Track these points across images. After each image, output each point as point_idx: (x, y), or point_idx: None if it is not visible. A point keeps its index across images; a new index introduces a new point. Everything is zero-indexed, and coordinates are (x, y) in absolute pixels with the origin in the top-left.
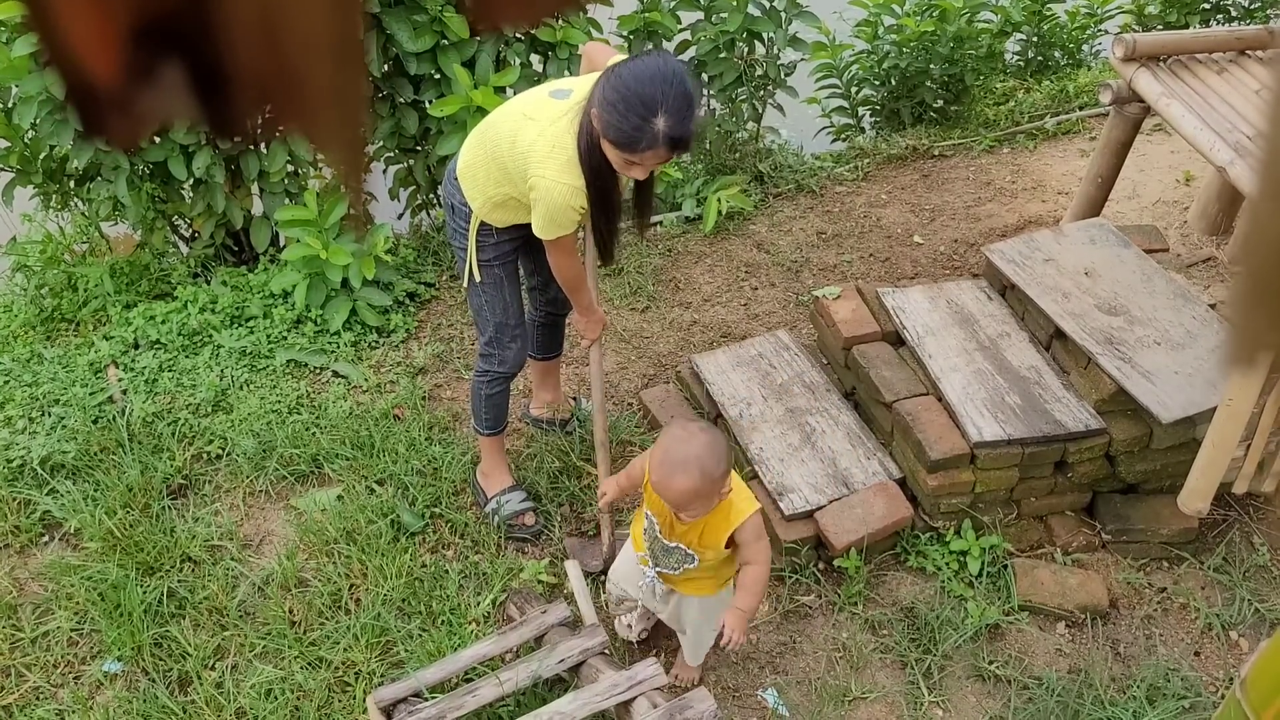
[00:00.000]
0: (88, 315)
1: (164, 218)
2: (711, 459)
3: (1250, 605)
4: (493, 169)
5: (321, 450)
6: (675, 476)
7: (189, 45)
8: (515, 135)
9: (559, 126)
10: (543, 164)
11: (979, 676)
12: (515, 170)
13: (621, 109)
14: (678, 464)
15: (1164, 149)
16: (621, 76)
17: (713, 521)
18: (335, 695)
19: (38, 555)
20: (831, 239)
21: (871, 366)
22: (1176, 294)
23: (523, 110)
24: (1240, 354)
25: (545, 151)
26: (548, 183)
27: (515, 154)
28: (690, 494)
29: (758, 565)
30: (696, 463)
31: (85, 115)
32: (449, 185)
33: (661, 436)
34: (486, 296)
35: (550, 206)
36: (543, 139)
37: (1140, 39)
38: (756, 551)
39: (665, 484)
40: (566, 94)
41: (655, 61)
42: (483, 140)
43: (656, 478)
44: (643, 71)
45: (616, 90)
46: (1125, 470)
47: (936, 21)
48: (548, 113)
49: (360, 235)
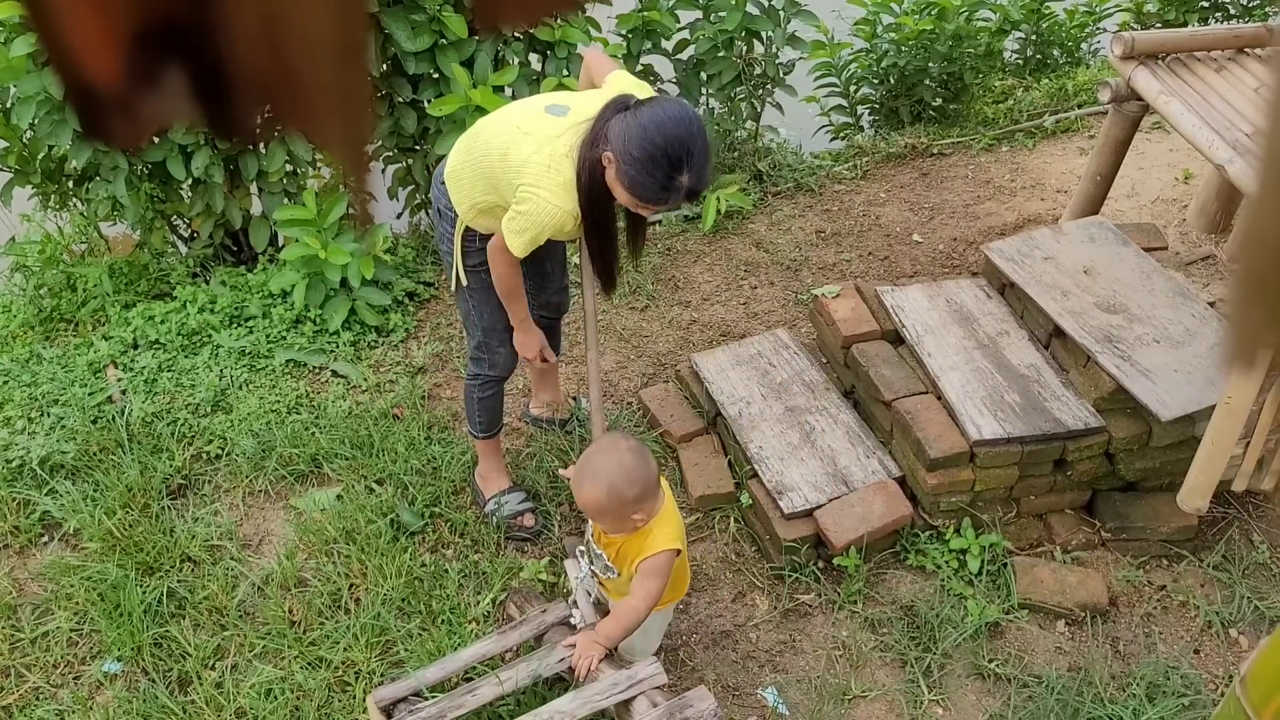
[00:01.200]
0: (86, 315)
1: (163, 217)
2: (624, 480)
3: (1250, 603)
4: (479, 178)
5: (321, 450)
6: (584, 483)
7: (191, 47)
8: (507, 149)
9: (556, 147)
10: (536, 182)
11: (979, 675)
12: (504, 183)
13: (649, 167)
14: (589, 473)
15: (1163, 147)
16: (646, 131)
17: (629, 545)
18: (335, 695)
19: (37, 555)
20: (830, 238)
21: (871, 365)
22: (1175, 292)
23: (516, 123)
24: (1239, 352)
25: (540, 170)
26: (540, 202)
27: (507, 167)
28: (592, 506)
29: (635, 600)
30: (606, 478)
31: (87, 117)
32: (436, 189)
33: (593, 444)
34: (474, 301)
35: (534, 224)
36: (539, 156)
37: (1139, 37)
38: (642, 586)
39: (575, 488)
40: (563, 110)
41: (676, 113)
42: (471, 147)
43: (574, 479)
44: (667, 127)
45: (642, 148)
46: (1125, 468)
47: (935, 20)
48: (544, 130)
49: (362, 234)
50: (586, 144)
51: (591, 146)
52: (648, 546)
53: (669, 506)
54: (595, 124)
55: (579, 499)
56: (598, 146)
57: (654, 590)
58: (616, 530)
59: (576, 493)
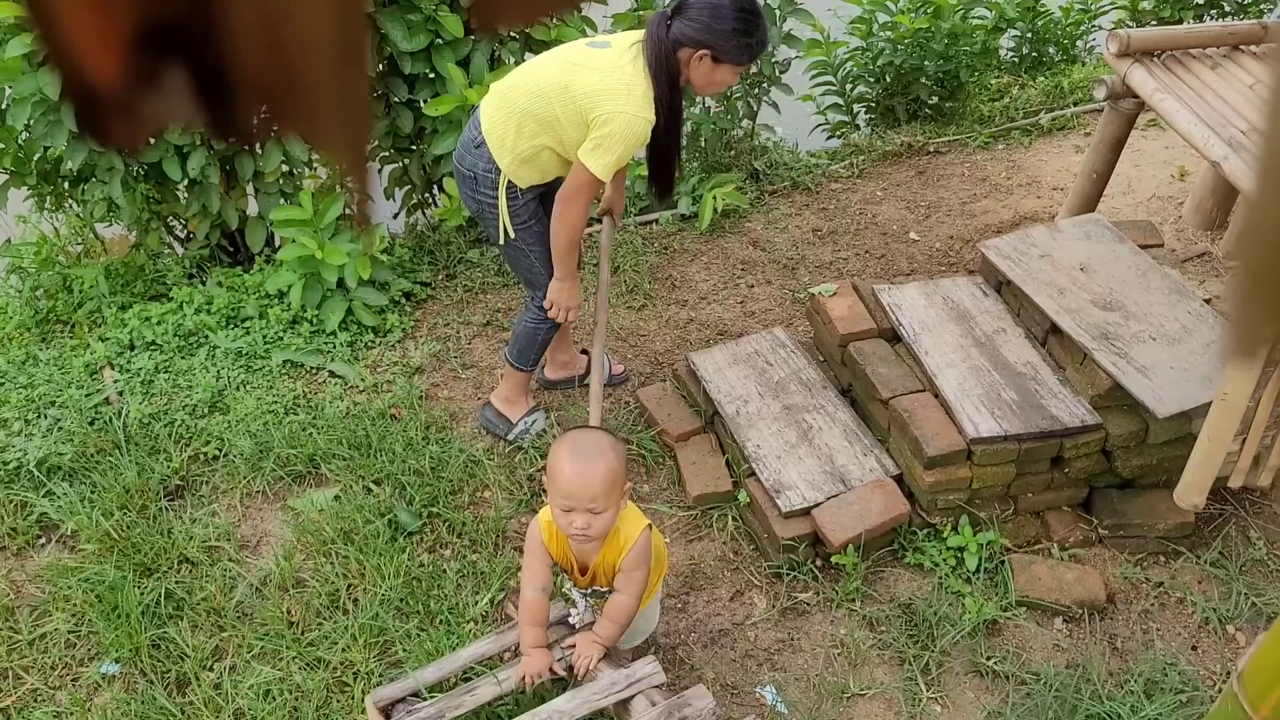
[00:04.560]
0: (83, 317)
1: (159, 219)
2: (612, 447)
3: (1247, 599)
4: (526, 122)
5: (318, 450)
6: (593, 462)
7: (191, 47)
8: (569, 82)
9: (624, 70)
10: (622, 101)
11: (977, 672)
12: (567, 115)
13: (740, 29)
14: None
15: (1158, 144)
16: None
17: (605, 557)
18: (334, 695)
19: (35, 557)
20: (827, 236)
21: (868, 363)
22: (1172, 289)
23: (567, 59)
24: (1239, 347)
25: (621, 90)
26: (628, 118)
27: (571, 98)
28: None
29: (624, 596)
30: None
31: (86, 118)
32: (469, 157)
33: (558, 442)
34: (534, 255)
35: (623, 141)
36: (611, 80)
37: (1134, 34)
38: (629, 583)
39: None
40: (605, 45)
41: None
42: (508, 97)
43: (570, 473)
44: None
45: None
46: (1121, 465)
47: (931, 18)
48: (601, 60)
49: (360, 235)
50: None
51: (666, 62)
52: (622, 542)
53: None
54: (651, 44)
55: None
56: (674, 63)
57: (640, 580)
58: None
59: (585, 481)
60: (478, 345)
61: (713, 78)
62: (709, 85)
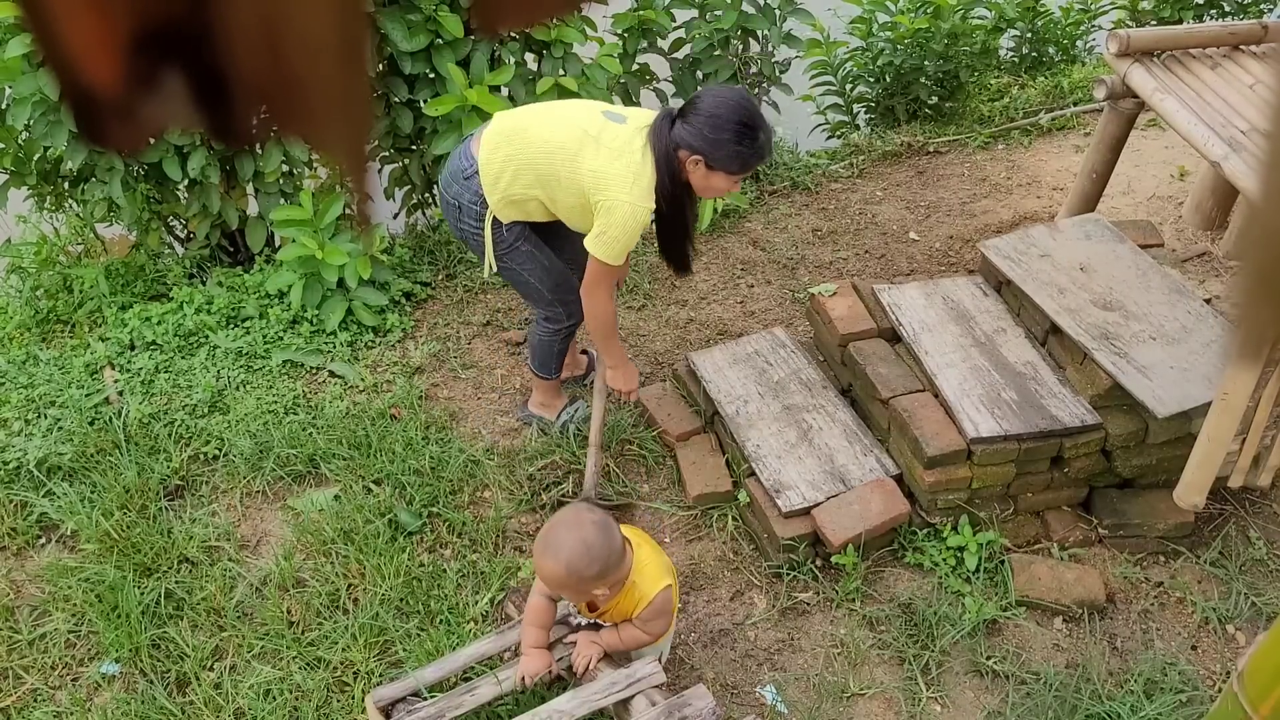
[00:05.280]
0: (83, 317)
1: (159, 218)
2: (584, 558)
3: (1246, 599)
4: (526, 172)
5: (318, 450)
6: (544, 556)
7: (191, 52)
8: (581, 153)
9: (633, 157)
10: (627, 190)
11: (977, 672)
12: (571, 182)
13: (734, 141)
14: (551, 546)
15: (1158, 144)
16: (716, 119)
17: (621, 605)
18: (334, 695)
19: (35, 557)
20: (827, 236)
21: (868, 363)
22: (1171, 289)
23: (584, 127)
24: (1244, 349)
25: (627, 179)
26: (631, 208)
27: (580, 171)
28: (550, 579)
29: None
30: (567, 553)
31: (85, 122)
32: (455, 186)
33: (557, 513)
34: (525, 274)
35: (627, 230)
36: (618, 166)
37: (1134, 34)
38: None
39: (537, 560)
40: (621, 119)
41: (720, 91)
42: (514, 142)
43: (535, 549)
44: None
45: (721, 131)
46: (1121, 465)
47: (930, 18)
48: (613, 139)
49: (361, 234)
50: (661, 158)
51: (667, 159)
52: (638, 601)
53: (643, 556)
54: (656, 139)
55: (539, 571)
56: (675, 161)
57: (658, 628)
58: (577, 601)
59: (536, 565)
60: (478, 345)
61: (708, 183)
62: (706, 189)
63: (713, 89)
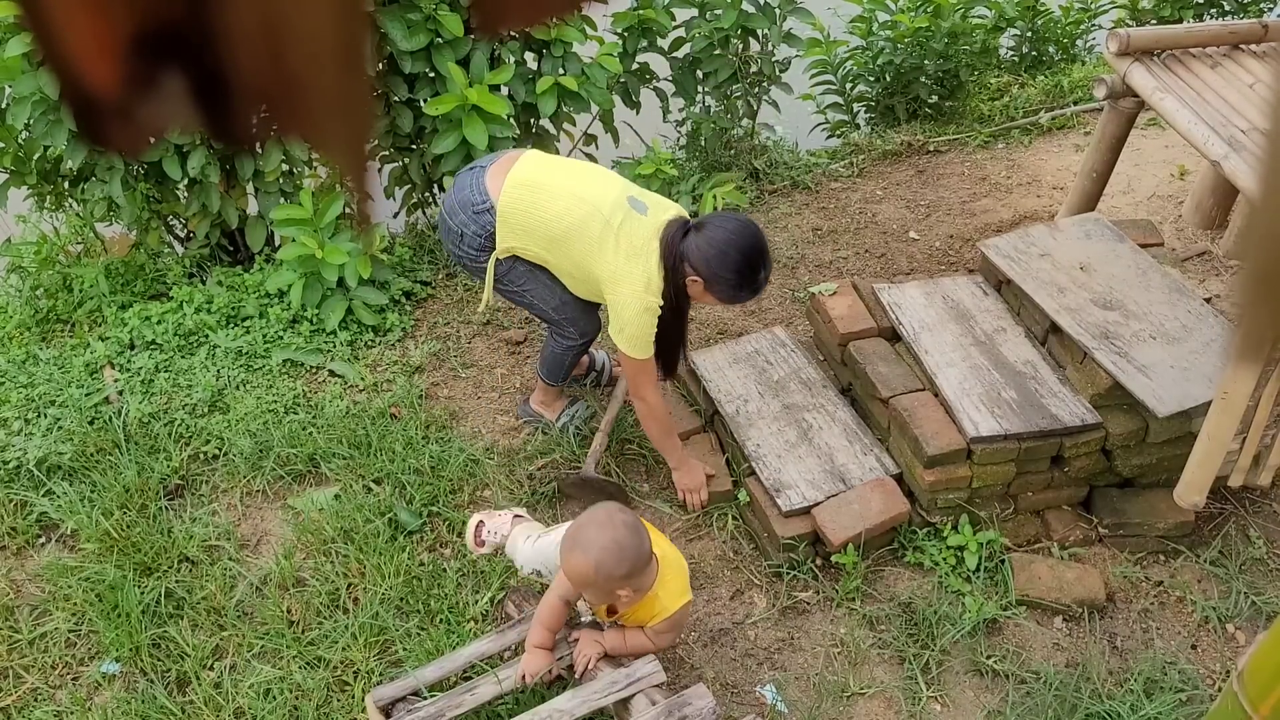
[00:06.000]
0: (83, 316)
1: (159, 218)
2: (614, 558)
3: (1246, 598)
4: (538, 235)
5: (318, 450)
6: (574, 553)
7: (192, 53)
8: (601, 246)
9: (650, 259)
10: (640, 291)
11: (977, 671)
12: (584, 262)
13: (737, 278)
14: (580, 543)
15: (1158, 143)
16: (726, 255)
17: (638, 613)
18: (334, 694)
19: (35, 557)
20: (827, 235)
21: (868, 362)
22: (1172, 288)
23: (606, 216)
24: (1246, 349)
25: (640, 281)
26: (643, 307)
27: (596, 259)
28: (577, 577)
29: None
30: (596, 552)
31: (85, 123)
32: (462, 215)
33: (588, 510)
34: (528, 298)
35: (642, 326)
36: (636, 266)
37: (1134, 34)
38: (657, 636)
39: (565, 556)
40: (644, 209)
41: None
42: (539, 203)
43: (563, 547)
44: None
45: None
46: (1121, 464)
47: (931, 17)
48: (633, 234)
49: (361, 233)
50: (669, 267)
51: (674, 271)
52: (657, 612)
53: (668, 565)
54: (666, 249)
55: (565, 567)
56: (680, 270)
57: (667, 640)
58: (599, 602)
59: (563, 561)
60: (478, 344)
61: (703, 299)
62: (699, 299)
63: (731, 218)
